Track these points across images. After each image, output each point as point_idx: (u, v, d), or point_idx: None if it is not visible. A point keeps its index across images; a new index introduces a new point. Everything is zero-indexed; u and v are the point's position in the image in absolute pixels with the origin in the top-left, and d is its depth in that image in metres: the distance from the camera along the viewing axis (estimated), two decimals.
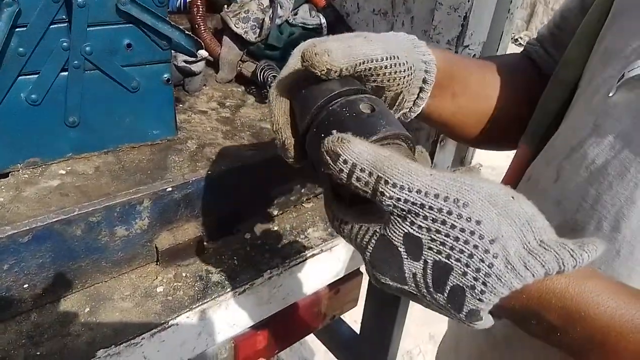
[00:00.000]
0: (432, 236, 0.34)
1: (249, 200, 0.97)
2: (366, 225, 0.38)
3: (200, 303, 0.83)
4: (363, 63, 0.45)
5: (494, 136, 0.68)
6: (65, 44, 0.78)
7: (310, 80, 0.45)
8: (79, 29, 0.78)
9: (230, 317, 0.90)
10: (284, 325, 1.08)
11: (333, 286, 1.16)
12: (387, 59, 0.47)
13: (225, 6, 1.26)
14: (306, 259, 0.97)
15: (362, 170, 0.35)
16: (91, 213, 0.77)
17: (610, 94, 0.50)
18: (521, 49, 0.75)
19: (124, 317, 0.79)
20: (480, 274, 0.34)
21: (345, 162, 0.35)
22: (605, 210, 0.49)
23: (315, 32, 1.28)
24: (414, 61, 0.51)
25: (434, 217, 0.34)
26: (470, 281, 0.34)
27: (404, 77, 0.50)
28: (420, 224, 0.35)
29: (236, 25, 1.21)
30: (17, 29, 0.73)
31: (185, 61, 1.11)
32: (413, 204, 0.34)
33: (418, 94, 0.55)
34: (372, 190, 0.36)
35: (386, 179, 0.35)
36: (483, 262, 0.34)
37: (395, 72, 0.48)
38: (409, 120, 0.58)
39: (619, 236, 0.48)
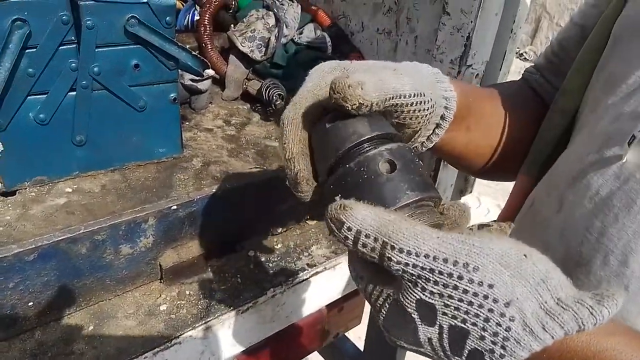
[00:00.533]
0: (445, 301, 0.34)
1: (253, 218, 0.98)
2: (380, 287, 0.37)
3: (204, 322, 0.83)
4: (392, 98, 0.44)
5: (502, 167, 0.68)
6: (73, 64, 0.79)
7: (335, 113, 0.43)
8: (88, 50, 0.79)
9: (233, 335, 0.90)
10: (287, 344, 1.08)
11: (337, 304, 1.16)
12: (414, 96, 0.46)
13: (232, 25, 1.28)
14: (310, 277, 0.97)
15: (367, 236, 0.35)
16: (96, 231, 0.77)
17: (623, 161, 0.48)
18: (526, 64, 0.76)
19: (128, 335, 0.79)
20: (499, 337, 0.33)
21: (349, 229, 0.35)
22: (612, 244, 0.48)
23: (320, 50, 1.29)
24: (436, 97, 0.50)
25: (445, 282, 0.33)
26: (489, 345, 0.33)
27: (426, 115, 0.49)
28: (432, 289, 0.34)
29: (242, 44, 1.23)
30: (27, 50, 0.75)
31: (191, 79, 1.12)
32: (422, 268, 0.33)
33: (434, 130, 0.54)
34: (379, 255, 0.35)
35: (392, 244, 0.34)
36: (500, 325, 0.33)
37: (420, 110, 0.47)
38: (419, 153, 0.57)
39: (627, 271, 0.47)
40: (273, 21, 1.26)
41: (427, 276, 0.33)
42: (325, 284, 1.01)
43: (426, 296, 0.34)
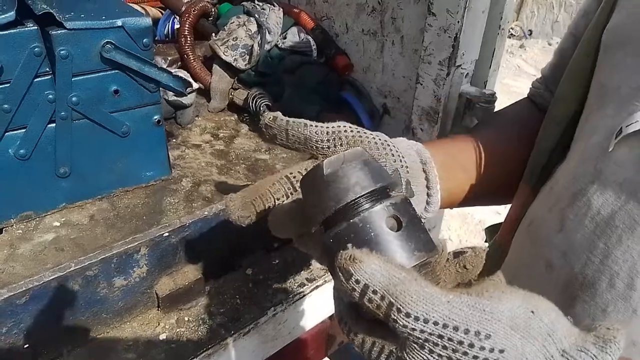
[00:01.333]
0: None
1: (249, 236, 0.96)
2: (380, 342, 0.36)
3: (205, 349, 0.82)
4: None
5: (504, 196, 0.69)
6: (50, 96, 0.76)
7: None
8: (64, 80, 0.76)
9: (236, 358, 0.88)
10: (293, 356, 1.06)
11: None
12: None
13: (213, 34, 1.25)
14: (310, 292, 0.96)
15: (374, 292, 0.33)
16: (88, 267, 0.75)
17: (610, 149, 0.48)
18: (512, 41, 0.75)
19: None
20: None
21: (357, 282, 0.34)
22: (617, 266, 0.47)
23: (305, 55, 1.26)
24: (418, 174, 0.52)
25: (455, 348, 0.32)
26: None
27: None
28: (440, 353, 0.33)
29: (225, 54, 1.20)
30: (1, 86, 0.72)
31: (175, 95, 1.10)
32: (430, 334, 0.33)
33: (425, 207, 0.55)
34: (384, 315, 0.34)
35: (398, 306, 0.33)
36: None
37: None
38: (427, 217, 0.57)
39: (635, 294, 0.46)
40: (255, 27, 1.23)
41: (435, 341, 0.32)
42: (327, 296, 0.99)
43: (434, 358, 0.33)
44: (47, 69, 0.75)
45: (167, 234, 0.83)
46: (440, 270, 0.40)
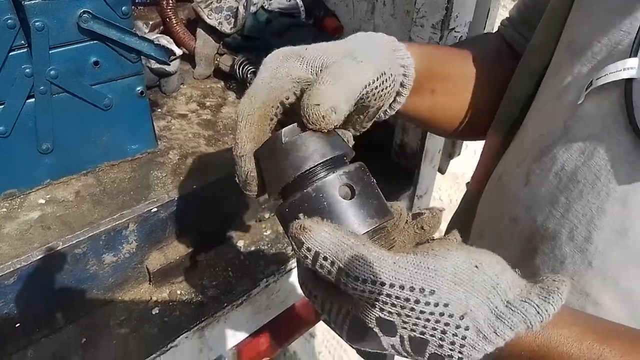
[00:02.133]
0: (404, 319, 0.35)
1: (238, 208, 0.95)
2: (337, 304, 0.38)
3: (198, 322, 0.82)
4: (360, 93, 0.44)
5: (472, 127, 0.67)
6: (28, 70, 0.73)
7: (292, 126, 0.41)
8: (41, 53, 0.73)
9: (230, 329, 0.89)
10: (285, 324, 1.07)
11: None
12: (377, 80, 0.45)
13: None
14: None
15: (324, 259, 0.35)
16: (76, 245, 0.74)
17: (580, 102, 0.49)
18: (504, 12, 0.72)
19: (122, 344, 0.78)
20: (456, 345, 0.36)
21: (308, 250, 0.35)
22: (576, 220, 0.49)
23: (294, 17, 1.22)
24: (395, 69, 0.49)
25: (402, 304, 0.35)
26: (447, 351, 0.36)
27: (390, 92, 0.48)
28: (390, 310, 0.35)
29: (209, 17, 1.16)
30: None
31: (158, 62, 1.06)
32: (379, 294, 0.35)
33: (395, 98, 0.53)
34: (335, 279, 0.36)
35: (347, 271, 0.35)
36: (456, 335, 0.35)
37: (383, 90, 0.46)
38: (382, 120, 0.56)
39: (591, 247, 0.48)
40: None
41: (384, 300, 0.35)
42: None
43: (385, 315, 0.36)
44: (22, 42, 0.71)
45: (155, 209, 0.81)
46: (397, 232, 0.42)
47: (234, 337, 0.92)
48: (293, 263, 0.94)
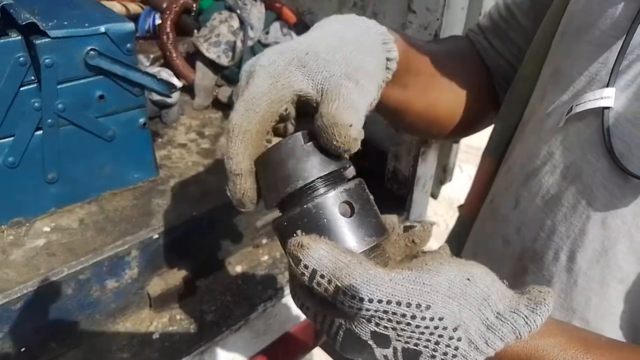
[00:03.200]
0: (399, 333, 0.36)
1: (236, 234, 0.98)
2: (330, 317, 0.38)
3: (197, 346, 0.84)
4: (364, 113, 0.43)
5: (436, 126, 0.68)
6: (37, 104, 0.77)
7: (292, 136, 0.40)
8: (50, 88, 0.77)
9: (228, 353, 0.91)
10: (284, 349, 1.09)
11: None
12: (377, 96, 0.46)
13: (196, 31, 1.25)
14: None
15: (322, 276, 0.36)
16: (80, 271, 0.77)
17: (561, 124, 0.52)
18: None
19: None
20: (448, 355, 0.37)
21: (306, 267, 0.36)
22: (561, 241, 0.52)
23: None
24: (382, 62, 0.49)
25: (398, 320, 0.36)
26: None
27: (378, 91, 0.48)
28: (386, 325, 0.36)
29: (208, 51, 1.21)
30: None
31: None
32: (376, 311, 0.36)
33: None
34: (332, 297, 0.36)
35: (344, 289, 0.36)
36: (449, 346, 0.37)
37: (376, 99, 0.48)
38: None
39: (575, 267, 0.51)
40: (237, 23, 1.23)
41: (381, 316, 0.36)
42: None
43: (380, 329, 0.37)
44: (33, 78, 0.76)
45: (156, 235, 0.84)
46: (390, 245, 0.43)
47: None
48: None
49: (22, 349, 0.76)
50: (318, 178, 0.40)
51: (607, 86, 0.49)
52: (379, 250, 0.41)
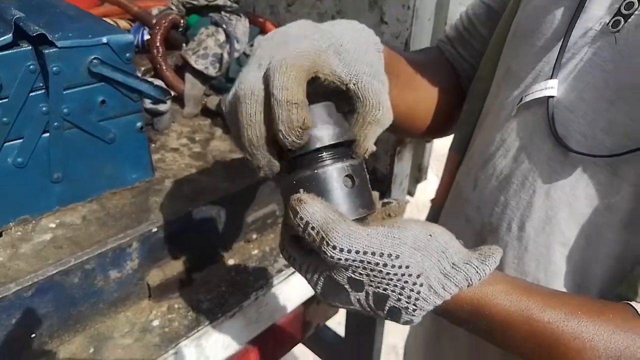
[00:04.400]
0: (371, 278, 0.44)
1: (229, 229, 1.05)
2: (313, 265, 0.46)
3: (195, 331, 0.91)
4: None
5: (411, 126, 0.76)
6: (44, 108, 0.84)
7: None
8: (57, 93, 0.84)
9: (223, 339, 0.97)
10: (274, 340, 1.16)
11: (315, 297, 1.24)
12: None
13: (184, 44, 1.33)
14: (288, 276, 1.06)
15: (312, 228, 0.44)
16: (86, 262, 0.83)
17: (513, 114, 0.61)
18: None
19: (126, 352, 0.86)
20: (411, 299, 0.44)
21: (301, 218, 0.44)
22: (512, 213, 0.60)
23: None
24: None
25: (372, 268, 0.43)
26: (404, 304, 0.44)
27: None
28: (361, 272, 0.44)
29: (196, 63, 1.29)
30: (0, 101, 0.79)
31: (152, 102, 1.18)
32: (353, 260, 0.43)
33: None
34: (317, 247, 0.44)
35: (327, 240, 0.43)
36: (412, 291, 0.44)
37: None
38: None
39: (525, 235, 0.59)
40: (223, 37, 1.32)
41: (357, 265, 0.43)
42: (303, 282, 1.09)
43: (356, 275, 0.44)
44: (41, 84, 0.83)
45: (155, 229, 0.91)
46: (371, 217, 0.50)
47: (227, 349, 1.00)
48: (279, 277, 1.04)
49: (32, 335, 0.82)
50: (330, 144, 0.46)
51: (551, 78, 0.59)
52: (365, 221, 0.48)
